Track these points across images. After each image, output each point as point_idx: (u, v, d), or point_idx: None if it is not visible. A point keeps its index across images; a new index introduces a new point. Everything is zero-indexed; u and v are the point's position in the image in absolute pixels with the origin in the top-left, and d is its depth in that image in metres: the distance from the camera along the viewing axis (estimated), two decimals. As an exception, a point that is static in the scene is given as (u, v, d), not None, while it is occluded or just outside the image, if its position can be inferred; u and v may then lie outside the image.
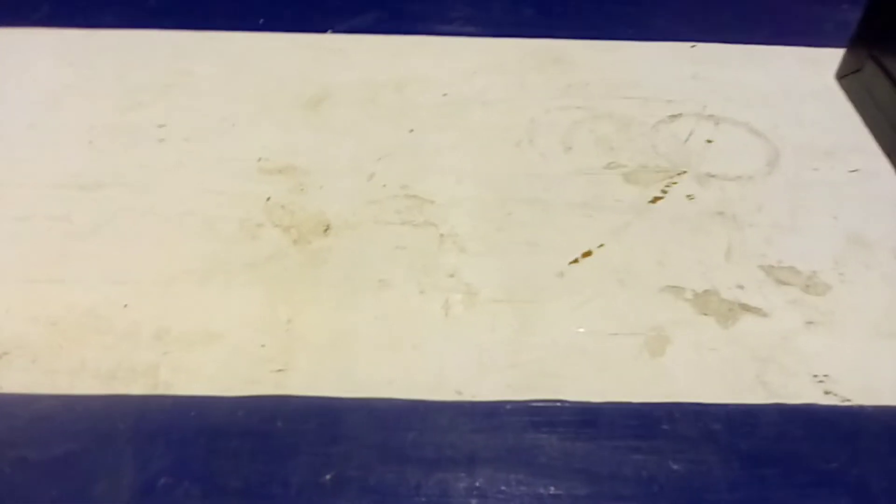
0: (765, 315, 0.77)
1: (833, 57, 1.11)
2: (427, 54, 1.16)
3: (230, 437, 0.65)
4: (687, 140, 0.99)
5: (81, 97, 1.05)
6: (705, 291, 0.79)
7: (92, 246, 0.83)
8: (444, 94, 1.07)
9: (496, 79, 1.11)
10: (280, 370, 0.70)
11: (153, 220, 0.86)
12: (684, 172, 0.93)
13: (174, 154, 0.96)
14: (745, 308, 0.77)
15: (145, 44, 1.15)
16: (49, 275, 0.79)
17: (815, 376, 0.71)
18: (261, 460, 0.63)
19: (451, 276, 0.80)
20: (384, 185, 0.91)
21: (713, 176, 0.93)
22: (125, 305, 0.76)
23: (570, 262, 0.81)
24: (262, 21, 1.21)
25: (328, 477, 0.62)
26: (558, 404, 0.68)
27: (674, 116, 1.03)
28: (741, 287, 0.79)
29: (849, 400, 0.69)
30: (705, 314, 0.76)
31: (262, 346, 0.73)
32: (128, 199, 0.89)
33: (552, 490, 0.61)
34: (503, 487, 0.62)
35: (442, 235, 0.85)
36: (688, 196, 0.90)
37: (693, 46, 1.19)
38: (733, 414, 0.68)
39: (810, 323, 0.76)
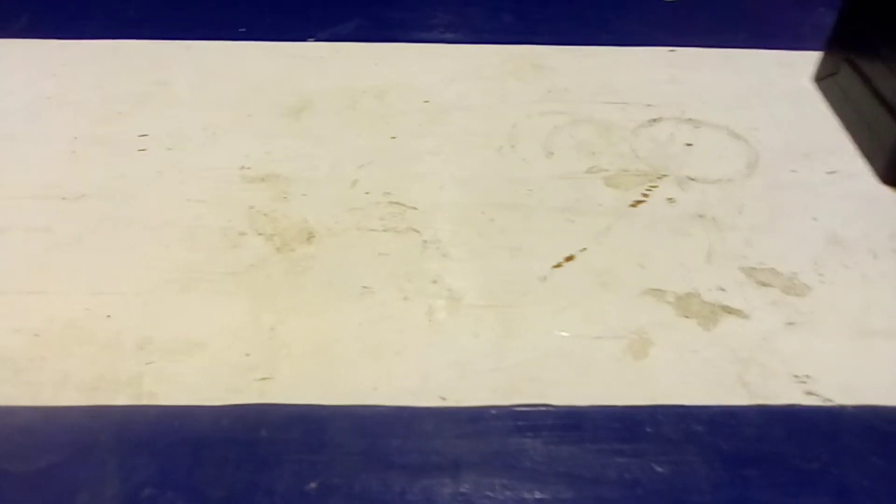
0: (746, 316, 0.77)
1: (810, 60, 1.13)
2: (408, 61, 1.17)
3: (214, 446, 0.65)
4: (667, 144, 1.00)
5: (62, 108, 1.05)
6: (687, 294, 0.79)
7: (73, 256, 0.82)
8: (426, 101, 1.07)
9: (476, 85, 1.11)
10: (264, 378, 0.70)
11: (135, 229, 0.86)
12: (665, 176, 0.94)
13: (156, 163, 0.95)
14: (727, 310, 0.78)
15: (125, 54, 1.15)
16: (30, 286, 0.79)
17: (797, 377, 0.72)
18: (245, 469, 0.63)
19: (434, 281, 0.80)
20: (367, 192, 0.91)
21: (693, 179, 0.94)
22: (107, 316, 0.75)
23: (553, 267, 0.82)
24: (242, 30, 1.21)
25: (313, 485, 0.62)
26: (543, 408, 0.68)
27: (653, 121, 1.04)
28: (722, 289, 0.80)
29: (830, 400, 0.69)
30: (687, 316, 0.77)
31: (246, 354, 0.72)
32: (109, 209, 0.88)
33: (537, 494, 0.62)
34: (488, 493, 0.62)
35: (425, 241, 0.85)
36: (668, 199, 0.91)
37: (671, 51, 1.20)
38: (715, 415, 0.68)
39: (791, 324, 0.76)
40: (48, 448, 0.64)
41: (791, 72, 1.15)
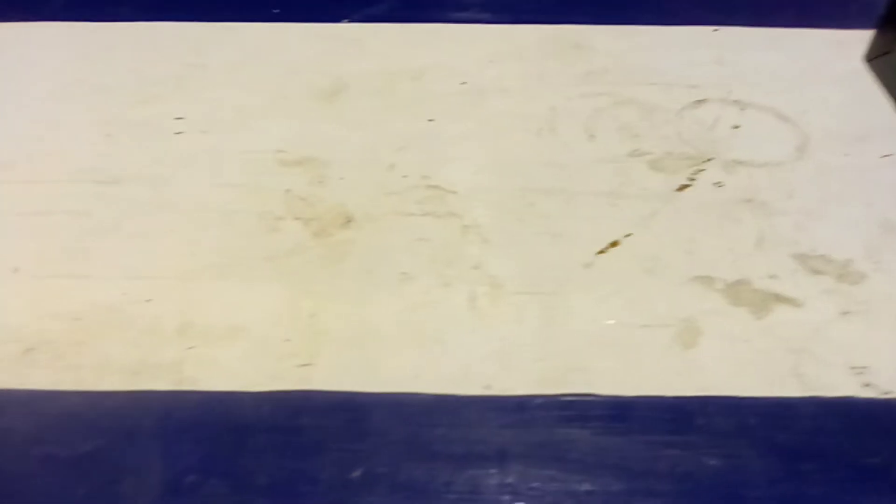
0: (799, 305, 0.75)
1: (861, 39, 1.09)
2: (443, 43, 1.14)
3: (256, 433, 0.64)
4: (713, 126, 0.97)
5: (97, 91, 1.04)
6: (736, 281, 0.77)
7: (112, 241, 0.82)
8: (463, 83, 1.05)
9: (514, 66, 1.09)
10: (305, 365, 0.69)
11: (172, 214, 0.85)
12: (711, 159, 0.91)
13: (191, 147, 0.95)
14: (779, 298, 0.75)
15: (159, 36, 1.14)
16: (70, 270, 0.79)
17: (853, 368, 0.69)
18: (288, 456, 0.62)
19: (476, 267, 0.79)
20: (405, 176, 0.90)
21: (741, 163, 0.91)
22: (147, 300, 0.75)
23: (597, 253, 0.80)
24: (276, 11, 1.19)
25: (357, 473, 0.61)
26: (589, 398, 0.66)
27: (698, 102, 1.01)
28: (773, 276, 0.77)
29: (889, 392, 0.67)
30: (737, 305, 0.75)
31: (286, 340, 0.72)
32: (147, 193, 0.88)
33: (586, 486, 0.60)
34: (535, 484, 0.60)
35: (465, 226, 0.83)
36: (715, 183, 0.88)
37: (715, 30, 1.16)
38: (769, 407, 0.66)
39: (846, 313, 0.74)
40: (92, 433, 0.64)
41: (841, 51, 1.11)
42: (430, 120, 0.99)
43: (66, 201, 0.87)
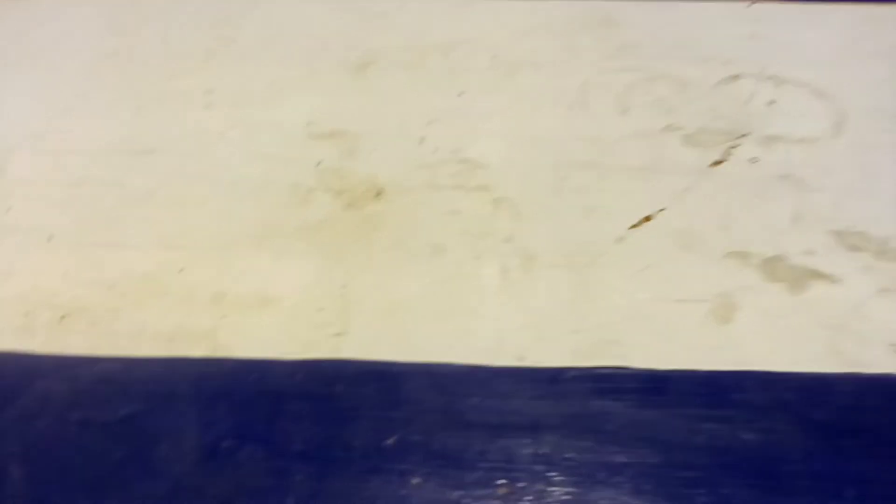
0: (836, 282, 0.74)
1: (901, 14, 1.06)
2: (473, 16, 1.13)
3: (290, 399, 0.64)
4: (748, 102, 0.95)
5: (127, 64, 1.04)
6: (773, 257, 0.76)
7: (145, 211, 0.82)
8: (493, 57, 1.04)
9: (545, 40, 1.07)
10: (338, 334, 0.70)
11: (204, 185, 0.85)
12: (746, 135, 0.90)
13: (222, 120, 0.94)
14: (816, 274, 0.74)
15: (188, 9, 1.14)
16: (104, 239, 0.79)
17: (892, 345, 0.68)
18: (322, 423, 0.63)
19: (507, 241, 0.78)
20: (435, 150, 0.89)
21: (777, 139, 0.90)
22: (181, 270, 0.75)
23: (630, 227, 0.79)
24: (305, -16, 1.18)
25: (391, 441, 0.61)
26: (624, 371, 0.66)
27: (733, 77, 0.99)
28: (810, 253, 0.76)
29: (929, 370, 0.66)
30: (773, 280, 0.74)
31: (319, 310, 0.72)
32: (178, 164, 0.88)
33: (621, 458, 0.60)
34: (570, 454, 0.60)
35: (496, 200, 0.83)
36: (751, 159, 0.87)
37: (749, 5, 1.14)
38: (806, 383, 0.65)
39: (885, 290, 0.72)
40: (129, 397, 0.65)
41: (880, 27, 1.08)
42: (460, 94, 0.98)
43: (99, 171, 0.87)
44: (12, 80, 1.02)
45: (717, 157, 0.87)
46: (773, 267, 0.75)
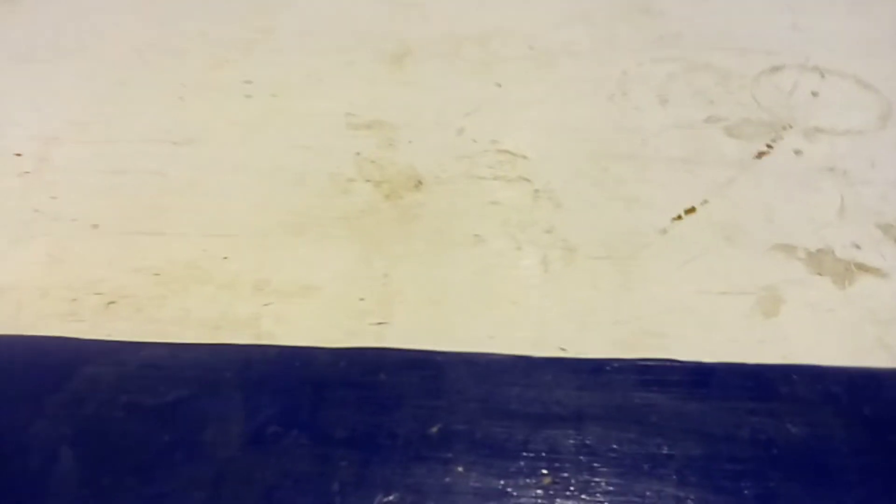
0: (884, 275, 0.72)
1: (949, 3, 1.04)
2: (509, 6, 1.12)
3: (334, 387, 0.65)
4: (791, 93, 0.94)
5: (168, 55, 1.05)
6: (819, 250, 0.75)
7: (188, 199, 0.83)
8: (530, 47, 1.04)
9: (583, 30, 1.06)
10: (380, 323, 0.70)
11: (245, 174, 0.86)
12: (790, 127, 0.89)
13: (262, 110, 0.95)
14: (863, 268, 0.73)
15: (228, 1, 1.15)
16: (147, 227, 0.80)
17: (943, 340, 0.67)
18: (366, 411, 0.63)
19: (548, 231, 0.78)
20: (474, 140, 0.89)
21: (821, 130, 0.88)
22: (224, 258, 0.76)
23: (673, 219, 0.78)
24: (341, -25, 1.18)
25: (434, 429, 0.62)
26: (668, 363, 0.65)
27: (775, 68, 0.98)
28: (857, 246, 0.75)
29: (981, 365, 0.64)
30: (820, 274, 0.72)
31: (361, 299, 0.72)
32: (219, 154, 0.89)
33: (665, 450, 0.60)
34: (614, 445, 0.60)
35: (536, 191, 0.82)
36: (795, 151, 0.85)
37: (791, -5, 1.12)
38: (855, 377, 0.64)
39: (935, 284, 0.71)
40: (176, 383, 0.66)
41: (927, 16, 1.06)
42: (497, 84, 0.98)
43: (141, 161, 0.89)
44: (56, 70, 1.03)
45: (760, 149, 0.86)
46: (820, 260, 0.74)
